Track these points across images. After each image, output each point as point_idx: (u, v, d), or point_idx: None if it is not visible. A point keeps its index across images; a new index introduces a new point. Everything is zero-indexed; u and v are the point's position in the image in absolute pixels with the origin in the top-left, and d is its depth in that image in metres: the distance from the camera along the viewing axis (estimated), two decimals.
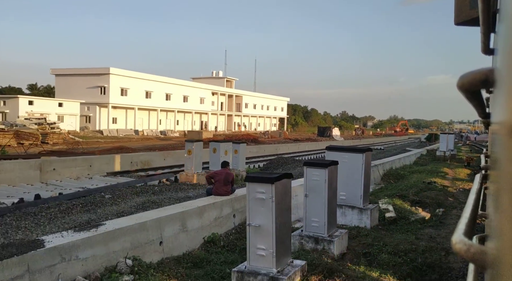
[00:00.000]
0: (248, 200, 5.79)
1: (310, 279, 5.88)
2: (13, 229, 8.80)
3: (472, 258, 0.75)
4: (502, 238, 0.62)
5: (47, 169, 15.16)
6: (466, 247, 0.76)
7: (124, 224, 6.37)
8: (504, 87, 0.64)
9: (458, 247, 0.78)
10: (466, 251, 0.75)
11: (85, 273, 5.38)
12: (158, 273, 6.05)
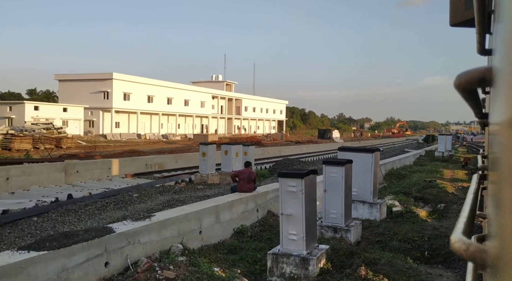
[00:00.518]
0: (280, 192, 6.79)
1: (334, 259, 6.88)
2: (59, 223, 9.77)
3: (471, 256, 0.74)
4: (502, 237, 0.61)
5: (71, 172, 16.12)
6: (465, 246, 0.75)
7: (171, 215, 7.36)
8: (503, 86, 0.63)
9: (457, 246, 0.78)
10: (465, 250, 0.75)
11: (145, 255, 6.35)
12: (201, 257, 7.04)
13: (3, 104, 49.30)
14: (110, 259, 5.84)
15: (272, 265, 6.70)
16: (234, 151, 18.88)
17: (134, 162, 19.49)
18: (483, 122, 2.48)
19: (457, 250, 0.78)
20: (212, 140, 36.89)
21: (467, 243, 0.76)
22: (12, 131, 34.59)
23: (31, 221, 9.78)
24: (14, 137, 25.76)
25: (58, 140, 28.27)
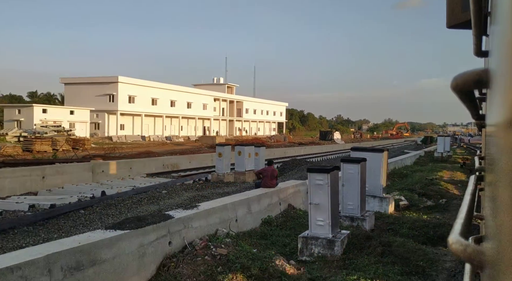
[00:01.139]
0: (309, 185, 8.01)
1: (355, 242, 8.10)
2: (104, 215, 10.96)
3: (468, 258, 0.75)
4: (499, 238, 0.61)
5: (97, 171, 17.30)
6: (463, 247, 0.75)
7: (213, 205, 8.57)
8: (499, 88, 0.63)
9: (454, 247, 0.78)
10: (462, 251, 0.75)
11: (197, 237, 7.54)
12: (239, 241, 8.23)
13: (12, 107, 50.42)
14: (172, 239, 7.03)
15: (302, 246, 7.91)
16: (247, 152, 20.07)
17: (152, 162, 20.68)
18: (480, 123, 2.44)
19: (455, 251, 0.77)
20: (219, 141, 38.12)
21: (464, 244, 0.76)
22: (25, 133, 35.73)
23: (79, 214, 10.98)
24: (34, 139, 26.94)
25: (75, 142, 29.48)
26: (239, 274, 6.57)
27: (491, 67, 0.85)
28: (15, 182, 14.07)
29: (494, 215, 0.72)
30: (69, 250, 5.30)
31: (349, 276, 6.66)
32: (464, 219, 1.20)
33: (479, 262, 0.73)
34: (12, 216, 10.58)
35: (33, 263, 4.83)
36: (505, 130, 0.58)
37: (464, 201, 1.64)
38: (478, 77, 0.82)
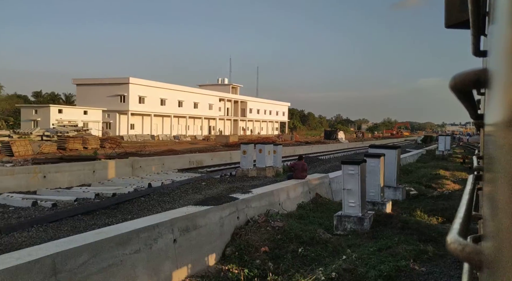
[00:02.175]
0: (343, 174, 10.00)
1: (378, 220, 10.10)
2: (160, 202, 12.96)
3: (467, 257, 0.75)
4: (497, 238, 0.61)
5: (136, 166, 19.27)
6: (461, 246, 0.76)
7: (263, 191, 10.56)
8: (498, 87, 0.63)
9: (453, 247, 0.77)
10: (461, 251, 0.75)
11: (255, 215, 9.52)
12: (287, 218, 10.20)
13: (29, 107, 52.33)
14: (239, 215, 9.01)
15: (337, 223, 9.90)
16: (267, 150, 22.06)
17: (181, 159, 22.66)
18: (478, 123, 2.47)
19: (453, 251, 0.77)
20: (232, 140, 40.12)
21: (463, 244, 0.76)
22: (48, 133, 37.65)
23: (141, 200, 12.98)
24: (68, 138, 28.85)
25: (102, 141, 31.41)
26: (294, 240, 8.58)
27: (489, 66, 0.86)
28: (72, 175, 16.04)
29: (492, 215, 0.71)
30: (181, 217, 7.29)
31: (378, 242, 8.66)
32: (463, 218, 1.18)
33: (477, 261, 0.72)
34: (85, 203, 12.56)
35: (163, 224, 6.82)
36: (504, 129, 0.57)
37: (462, 200, 1.62)
38: (476, 77, 0.82)
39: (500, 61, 0.62)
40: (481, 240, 1.50)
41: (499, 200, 0.62)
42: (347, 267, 7.30)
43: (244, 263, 7.78)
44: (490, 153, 0.93)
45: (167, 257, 6.78)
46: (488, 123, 1.12)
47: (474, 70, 0.84)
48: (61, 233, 9.20)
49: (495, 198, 0.68)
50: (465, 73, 0.84)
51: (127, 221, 7.44)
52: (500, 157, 0.62)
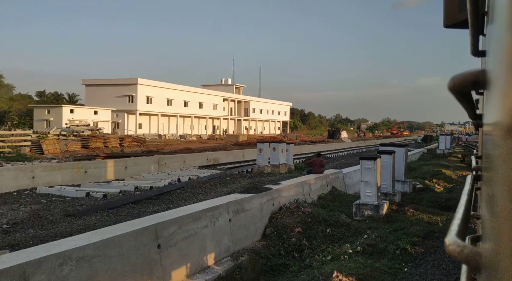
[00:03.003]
0: (361, 168, 11.59)
1: (391, 207, 11.70)
2: (194, 193, 14.53)
3: (465, 259, 0.74)
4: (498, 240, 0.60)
5: (161, 163, 20.85)
6: (460, 248, 0.76)
7: (291, 183, 12.14)
8: (497, 88, 0.63)
9: (451, 249, 0.77)
10: (459, 253, 0.75)
11: (286, 202, 11.10)
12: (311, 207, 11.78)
13: (42, 107, 53.87)
14: (274, 202, 10.60)
15: (356, 210, 11.49)
16: (280, 148, 23.63)
17: (200, 157, 24.25)
18: (477, 123, 2.40)
19: (451, 253, 0.77)
20: (242, 139, 41.71)
21: (461, 246, 0.76)
22: (64, 132, 39.21)
23: (177, 192, 14.55)
24: (90, 137, 30.37)
25: (122, 139, 32.93)
26: (322, 223, 10.17)
27: (488, 67, 0.85)
28: (108, 171, 17.61)
29: (492, 216, 0.70)
30: (233, 201, 8.87)
31: (393, 225, 10.25)
32: (461, 219, 1.16)
33: (476, 264, 0.72)
34: (130, 194, 14.12)
35: (221, 206, 8.40)
36: (502, 130, 0.57)
37: (461, 201, 1.60)
38: (475, 78, 0.82)
39: (499, 62, 0.62)
40: (479, 240, 1.50)
41: (498, 201, 0.61)
42: (369, 243, 8.90)
43: (283, 241, 9.36)
44: (489, 154, 0.91)
45: (225, 233, 8.38)
46: (486, 123, 1.12)
47: (473, 71, 0.83)
48: (121, 217, 10.78)
49: (494, 199, 0.67)
50: (464, 74, 0.84)
51: (194, 203, 9.04)
52: (499, 157, 0.62)
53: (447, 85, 0.89)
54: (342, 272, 6.78)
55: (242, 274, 7.74)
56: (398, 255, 8.16)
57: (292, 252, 8.96)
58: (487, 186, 1.05)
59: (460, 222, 1.12)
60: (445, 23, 2.60)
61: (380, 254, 8.37)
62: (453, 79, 0.86)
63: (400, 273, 7.17)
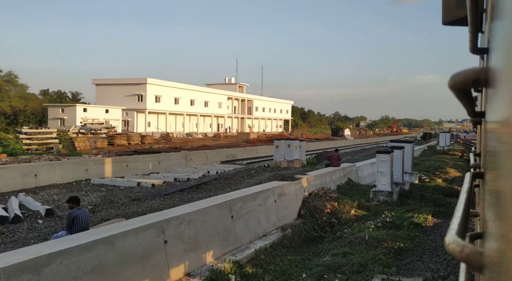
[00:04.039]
0: (377, 161, 13.64)
1: (402, 194, 13.76)
2: (226, 184, 16.54)
3: (466, 259, 0.74)
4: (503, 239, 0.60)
5: (188, 158, 22.88)
6: (460, 247, 0.75)
7: (315, 174, 14.19)
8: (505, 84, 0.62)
9: (451, 248, 0.77)
10: (459, 252, 0.75)
11: (314, 190, 13.14)
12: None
13: (56, 106, 55.78)
14: (304, 189, 12.63)
15: (372, 196, 13.54)
16: (295, 145, 25.68)
17: (219, 153, 26.29)
18: (476, 120, 2.42)
19: (452, 252, 0.76)
20: (252, 137, 43.77)
21: (462, 245, 0.76)
22: (82, 130, 41.17)
23: (213, 183, 16.58)
24: (115, 135, 32.36)
25: (142, 137, 34.92)
26: (347, 205, 12.23)
27: (493, 64, 0.84)
28: (145, 165, 19.64)
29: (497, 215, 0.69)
30: (277, 186, 10.92)
31: (405, 207, 12.31)
32: (461, 218, 1.15)
33: (476, 263, 0.72)
34: (175, 183, 16.13)
35: (269, 190, 10.44)
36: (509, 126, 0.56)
37: (460, 199, 1.59)
38: (476, 76, 0.81)
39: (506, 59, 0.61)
40: (479, 238, 1.50)
41: (505, 199, 0.60)
42: (388, 220, 10.95)
43: (315, 219, 11.40)
44: (494, 151, 0.88)
45: (273, 211, 10.42)
46: (491, 120, 1.10)
47: (474, 70, 0.83)
48: (175, 202, 12.80)
49: (499, 197, 0.66)
50: (465, 72, 0.84)
51: (248, 187, 11.09)
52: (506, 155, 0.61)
53: (447, 83, 0.89)
54: (372, 237, 8.84)
55: (289, 242, 9.78)
56: (412, 228, 10.20)
57: (325, 227, 11.01)
58: (491, 184, 1.03)
59: (460, 220, 1.10)
60: (443, 20, 2.58)
61: (397, 228, 10.40)
62: (453, 77, 0.86)
63: (416, 239, 9.22)
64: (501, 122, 0.66)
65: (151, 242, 6.41)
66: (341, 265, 7.60)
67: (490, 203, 1.03)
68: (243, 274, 7.29)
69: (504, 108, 0.62)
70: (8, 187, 13.24)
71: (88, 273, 5.27)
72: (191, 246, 7.26)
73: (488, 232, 1.05)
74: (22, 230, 8.97)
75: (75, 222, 6.97)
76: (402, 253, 8.14)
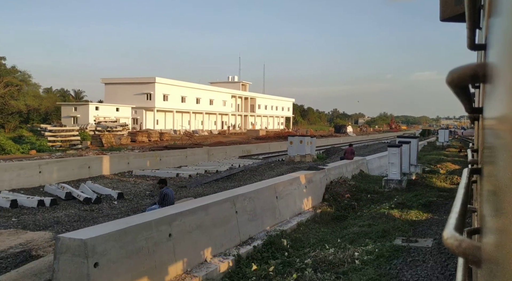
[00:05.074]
0: (388, 153, 15.74)
1: (410, 182, 15.87)
2: (252, 175, 18.57)
3: (463, 253, 0.75)
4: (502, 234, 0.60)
5: (210, 153, 24.93)
6: (458, 242, 0.76)
7: (335, 165, 16.28)
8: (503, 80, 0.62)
9: (449, 243, 0.78)
10: (457, 247, 0.76)
11: (334, 178, 15.21)
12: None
13: (69, 105, 57.77)
14: (326, 178, 14.70)
15: (384, 184, 15.64)
16: (306, 141, 27.75)
17: (236, 149, 28.38)
18: (473, 116, 2.41)
19: (449, 246, 0.77)
20: (262, 134, 45.86)
21: (459, 240, 0.76)
22: (99, 128, 43.16)
23: (239, 174, 18.64)
24: (137, 132, 34.37)
25: (162, 134, 36.97)
26: (363, 191, 14.33)
27: (491, 60, 0.84)
28: (174, 159, 21.70)
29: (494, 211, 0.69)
30: (306, 174, 12.99)
31: (413, 193, 14.41)
32: (459, 213, 1.16)
33: (474, 257, 0.72)
34: (206, 175, 18.18)
35: (300, 177, 12.51)
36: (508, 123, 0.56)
37: (457, 195, 1.61)
38: (473, 71, 0.81)
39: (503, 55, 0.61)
40: (476, 233, 1.51)
41: (502, 194, 0.60)
42: (400, 202, 13.03)
43: (338, 202, 13.47)
44: (492, 147, 0.89)
45: (304, 194, 12.50)
46: (488, 117, 1.11)
47: (471, 65, 0.83)
48: (215, 189, 14.85)
49: (496, 193, 0.66)
50: (462, 68, 0.84)
51: (283, 175, 13.16)
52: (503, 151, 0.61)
53: (445, 79, 0.90)
54: (390, 213, 10.94)
55: (320, 218, 11.86)
56: (420, 208, 12.30)
57: (347, 209, 13.08)
58: (489, 180, 1.03)
59: (458, 216, 1.11)
60: (441, 17, 2.56)
61: (408, 208, 12.49)
62: (451, 73, 0.86)
63: (424, 215, 11.31)
64: (498, 118, 0.66)
65: (228, 211, 8.49)
66: (368, 232, 9.68)
67: (487, 198, 1.05)
68: (291, 239, 9.38)
69: (501, 104, 0.63)
70: (69, 177, 15.27)
71: (194, 229, 7.33)
72: (252, 217, 9.33)
73: (485, 227, 1.04)
74: (105, 209, 11.03)
75: (165, 198, 9.03)
76: (415, 224, 10.23)
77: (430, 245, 8.26)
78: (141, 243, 6.10)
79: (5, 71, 46.89)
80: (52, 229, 8.74)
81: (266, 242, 8.79)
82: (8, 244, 7.64)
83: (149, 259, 6.17)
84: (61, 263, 5.33)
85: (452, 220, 1.05)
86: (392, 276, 6.76)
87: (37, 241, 7.88)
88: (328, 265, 7.74)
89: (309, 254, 8.34)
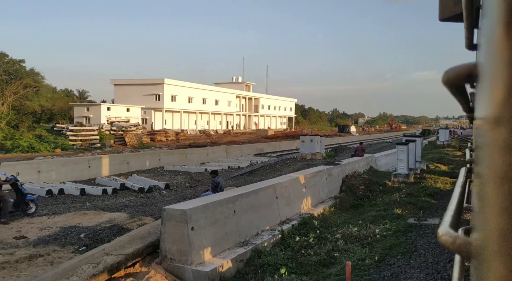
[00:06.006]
0: (397, 151, 17.59)
1: (416, 176, 17.73)
2: (272, 171, 20.43)
3: (457, 249, 0.77)
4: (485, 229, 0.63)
5: (228, 151, 26.78)
6: (452, 238, 0.78)
7: (349, 161, 18.12)
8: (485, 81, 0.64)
9: (444, 239, 0.79)
10: (452, 243, 0.78)
11: (348, 173, 17.05)
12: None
13: (81, 105, 59.64)
14: (343, 172, 16.54)
15: (393, 178, 17.48)
16: (316, 140, 29.63)
17: (250, 147, 30.26)
18: (471, 116, 2.42)
19: (444, 243, 0.79)
20: (270, 134, 47.72)
21: (454, 236, 0.78)
22: (114, 127, 44.98)
23: (260, 170, 20.48)
24: (155, 132, 36.17)
25: (177, 134, 38.76)
26: (375, 184, 16.19)
27: (479, 61, 0.85)
28: (197, 157, 23.54)
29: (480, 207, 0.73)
30: (327, 168, 14.83)
31: (420, 185, 16.26)
32: (454, 211, 1.18)
33: (467, 253, 0.74)
34: (230, 170, 19.99)
35: (323, 171, 14.36)
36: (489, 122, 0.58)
37: (454, 193, 1.66)
38: (469, 71, 0.82)
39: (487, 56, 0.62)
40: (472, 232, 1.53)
41: (486, 192, 0.63)
42: (408, 192, 14.89)
43: (354, 193, 15.31)
44: (479, 146, 0.90)
45: (325, 186, 14.35)
46: (477, 116, 1.11)
47: (467, 65, 0.83)
48: (241, 182, 16.69)
49: (482, 190, 0.69)
50: (458, 67, 0.84)
51: (307, 169, 15.01)
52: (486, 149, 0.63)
53: (441, 78, 0.90)
54: (402, 200, 12.80)
55: (340, 206, 13.71)
56: (427, 197, 14.15)
57: (362, 198, 14.93)
58: (476, 179, 1.08)
59: (453, 213, 1.11)
60: (440, 16, 2.63)
61: (416, 197, 14.34)
62: (447, 73, 0.87)
63: (431, 202, 13.17)
64: (482, 118, 0.68)
65: (270, 196, 10.34)
66: (384, 215, 11.53)
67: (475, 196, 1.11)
68: (320, 220, 11.22)
69: (484, 104, 0.65)
70: (112, 171, 17.12)
71: (248, 209, 9.18)
72: (288, 202, 11.19)
73: (474, 224, 1.08)
74: (158, 197, 12.88)
75: (217, 186, 10.88)
76: (424, 209, 12.09)
77: (437, 223, 10.12)
78: (217, 216, 7.95)
79: (25, 73, 48.73)
80: (124, 210, 10.57)
81: (301, 222, 10.63)
82: (97, 221, 9.48)
83: (222, 228, 8.02)
84: (167, 227, 7.17)
85: (447, 217, 1.08)
86: (408, 243, 8.62)
87: (119, 219, 9.71)
88: (354, 239, 9.58)
89: (337, 232, 10.20)
